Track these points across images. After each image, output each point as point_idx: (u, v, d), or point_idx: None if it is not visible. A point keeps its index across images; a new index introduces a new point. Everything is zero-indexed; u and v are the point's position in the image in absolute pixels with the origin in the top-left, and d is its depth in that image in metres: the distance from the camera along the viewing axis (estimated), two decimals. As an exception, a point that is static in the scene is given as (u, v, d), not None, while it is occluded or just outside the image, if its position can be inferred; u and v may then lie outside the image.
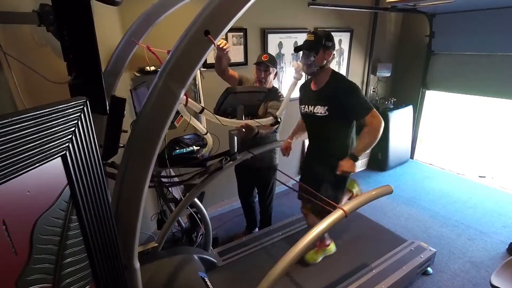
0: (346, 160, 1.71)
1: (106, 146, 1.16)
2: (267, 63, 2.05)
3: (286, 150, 2.10)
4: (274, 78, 2.16)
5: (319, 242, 2.20)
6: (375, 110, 1.67)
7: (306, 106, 1.87)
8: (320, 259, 2.19)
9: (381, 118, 1.66)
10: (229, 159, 1.69)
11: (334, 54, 1.74)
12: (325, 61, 1.72)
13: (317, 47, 1.67)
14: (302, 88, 1.97)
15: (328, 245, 2.23)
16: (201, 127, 1.61)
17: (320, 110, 1.76)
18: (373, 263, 2.13)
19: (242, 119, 1.65)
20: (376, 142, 1.67)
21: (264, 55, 2.07)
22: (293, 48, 3.07)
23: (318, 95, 1.79)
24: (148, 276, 1.68)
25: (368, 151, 1.69)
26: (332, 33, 1.75)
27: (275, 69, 2.12)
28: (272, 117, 1.68)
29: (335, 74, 1.80)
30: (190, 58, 0.85)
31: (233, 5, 0.83)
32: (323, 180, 1.87)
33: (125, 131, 1.31)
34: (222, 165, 1.66)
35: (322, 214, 1.68)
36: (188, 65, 0.85)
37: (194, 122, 1.52)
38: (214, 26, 0.83)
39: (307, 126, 2.01)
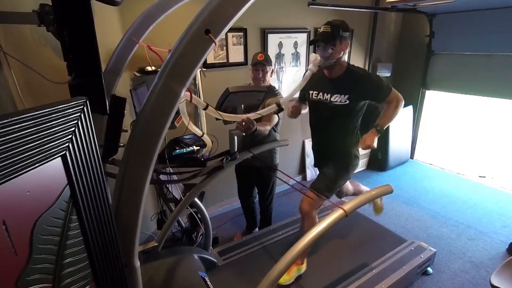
0: (370, 134, 1.75)
1: (107, 145, 1.16)
2: (264, 62, 2.06)
3: (293, 108, 1.98)
4: (271, 76, 2.17)
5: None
6: (393, 89, 1.76)
7: (320, 94, 1.86)
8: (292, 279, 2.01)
9: (400, 95, 1.76)
10: (229, 158, 1.69)
11: (350, 44, 1.75)
12: (342, 52, 1.72)
13: (334, 39, 1.65)
14: (314, 74, 1.86)
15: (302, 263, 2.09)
16: (197, 130, 1.60)
17: (339, 98, 1.77)
18: (373, 263, 2.13)
19: None
20: (398, 116, 1.76)
21: (260, 55, 2.07)
22: (293, 48, 3.13)
23: (337, 84, 1.79)
24: (148, 275, 1.68)
25: (391, 123, 1.81)
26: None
27: (271, 67, 2.13)
28: (275, 105, 1.62)
29: (351, 65, 1.83)
30: (191, 57, 0.84)
31: (234, 3, 0.83)
32: (334, 165, 1.92)
33: (125, 131, 1.31)
34: (223, 164, 1.65)
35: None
36: (189, 64, 0.85)
37: (190, 125, 1.52)
38: (215, 25, 0.83)
39: (316, 113, 1.99)
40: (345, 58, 1.80)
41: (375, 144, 1.75)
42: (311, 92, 1.91)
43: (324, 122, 1.96)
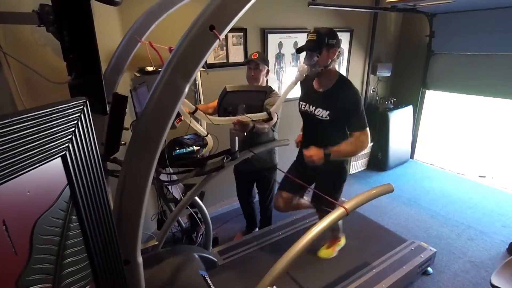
0: (317, 150, 1.65)
1: (108, 143, 1.16)
2: (257, 61, 2.04)
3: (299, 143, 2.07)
4: (266, 76, 2.15)
5: (330, 239, 2.29)
6: (368, 129, 1.68)
7: (307, 106, 1.85)
8: (334, 254, 2.26)
9: (369, 140, 1.68)
10: (230, 158, 1.68)
11: (339, 52, 1.71)
12: (330, 60, 1.69)
13: (320, 46, 1.64)
14: (304, 84, 1.91)
15: (339, 239, 2.29)
16: (201, 129, 1.60)
17: (322, 113, 1.74)
18: (374, 262, 2.13)
19: None
20: (354, 156, 1.68)
21: (254, 53, 2.06)
22: (293, 48, 3.13)
23: (322, 98, 1.77)
24: (148, 274, 1.68)
25: (342, 158, 1.70)
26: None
27: (266, 67, 2.11)
28: (265, 113, 1.58)
29: (342, 79, 1.76)
30: (196, 52, 0.85)
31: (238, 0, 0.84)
32: (320, 180, 1.89)
33: (127, 129, 1.30)
34: (223, 164, 1.65)
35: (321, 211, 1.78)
36: (194, 59, 0.86)
37: (194, 124, 1.51)
38: (220, 21, 0.84)
39: (305, 124, 1.99)
40: (335, 66, 1.75)
41: (319, 160, 1.64)
42: (300, 102, 1.91)
43: (311, 133, 1.95)
